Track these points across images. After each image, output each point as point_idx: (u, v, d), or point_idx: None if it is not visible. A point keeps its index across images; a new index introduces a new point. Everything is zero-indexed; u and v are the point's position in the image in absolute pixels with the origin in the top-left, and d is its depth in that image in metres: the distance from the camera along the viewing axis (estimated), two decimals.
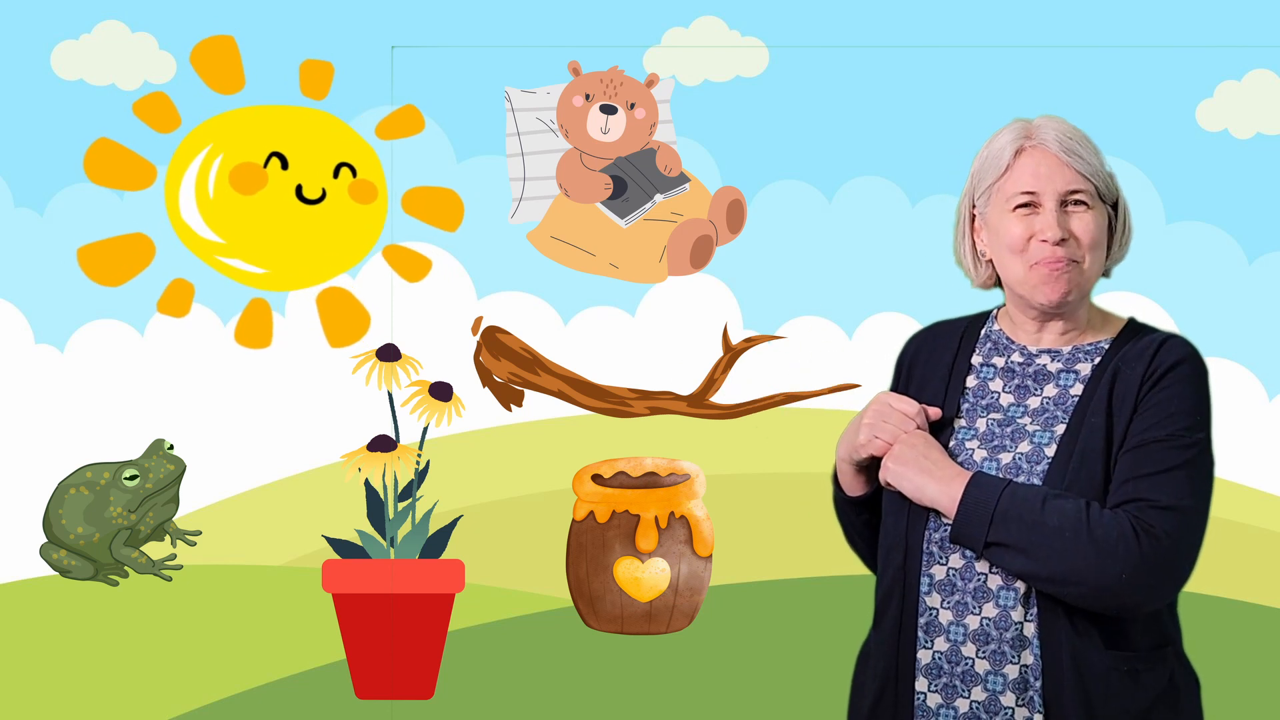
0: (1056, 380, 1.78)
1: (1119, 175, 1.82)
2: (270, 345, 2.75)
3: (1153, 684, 1.71)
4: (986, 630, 1.72)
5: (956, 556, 1.74)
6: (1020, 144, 1.79)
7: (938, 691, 1.74)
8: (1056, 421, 1.75)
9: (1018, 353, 1.82)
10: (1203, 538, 1.69)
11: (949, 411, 1.82)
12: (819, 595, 2.84)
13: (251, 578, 2.89)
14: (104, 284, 2.73)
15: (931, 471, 1.74)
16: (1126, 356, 1.75)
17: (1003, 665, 1.71)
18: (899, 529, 1.79)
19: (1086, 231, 1.75)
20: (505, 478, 2.90)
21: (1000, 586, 1.71)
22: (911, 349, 1.95)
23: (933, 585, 1.75)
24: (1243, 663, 2.70)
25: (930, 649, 1.75)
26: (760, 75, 2.87)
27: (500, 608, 2.90)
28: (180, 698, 2.84)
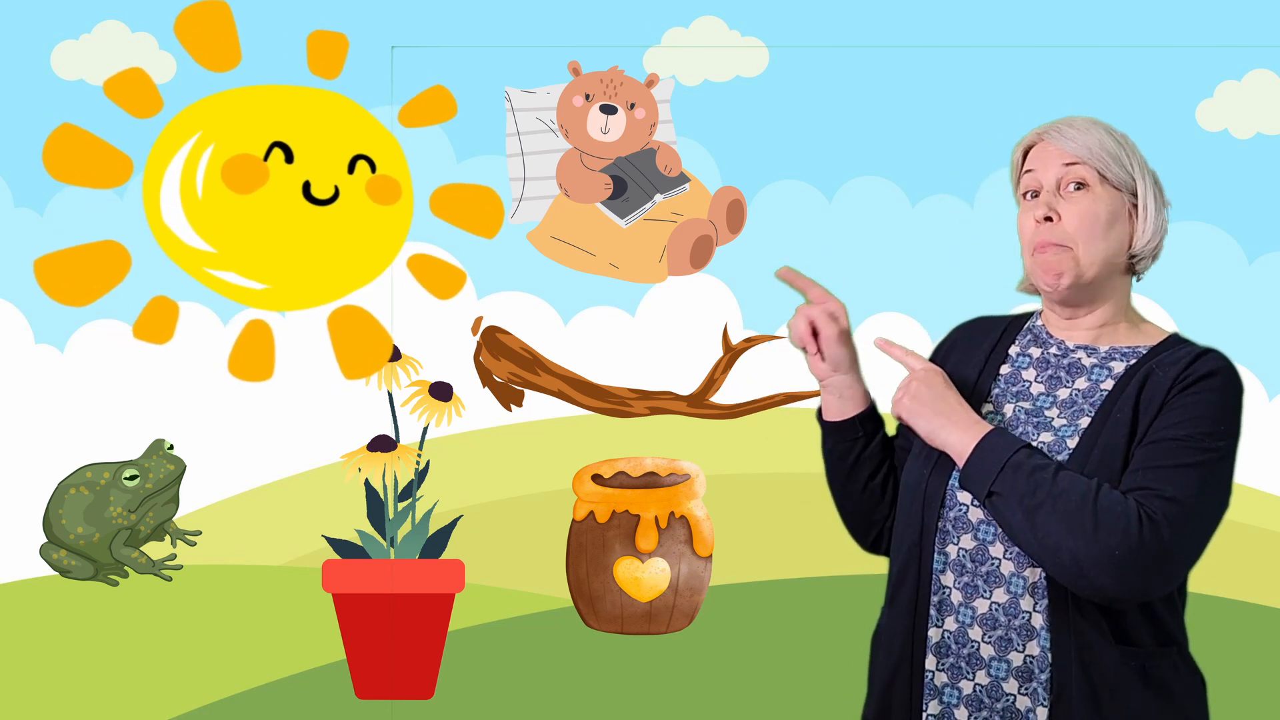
0: (1089, 375, 1.79)
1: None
2: (271, 377, 2.29)
3: (1159, 683, 1.71)
4: (995, 615, 1.72)
5: (968, 538, 1.74)
6: (1032, 141, 1.83)
7: (944, 671, 1.75)
8: (1082, 414, 1.75)
9: (1055, 346, 1.83)
10: (1204, 541, 1.68)
11: (980, 396, 1.83)
12: (819, 595, 2.84)
13: (251, 578, 2.89)
14: (66, 303, 2.23)
15: (949, 415, 1.75)
16: (1162, 361, 1.75)
17: (1007, 652, 1.71)
18: (914, 508, 1.80)
19: (1074, 212, 1.76)
20: (505, 478, 2.90)
21: (1012, 573, 1.71)
22: (950, 339, 1.97)
23: (946, 564, 1.77)
24: (1245, 663, 2.70)
25: (940, 627, 1.76)
26: (760, 75, 2.87)
27: (500, 608, 2.90)
28: (180, 698, 2.84)
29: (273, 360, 2.27)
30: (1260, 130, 2.82)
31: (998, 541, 1.73)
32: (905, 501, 1.84)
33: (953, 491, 1.77)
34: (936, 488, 1.78)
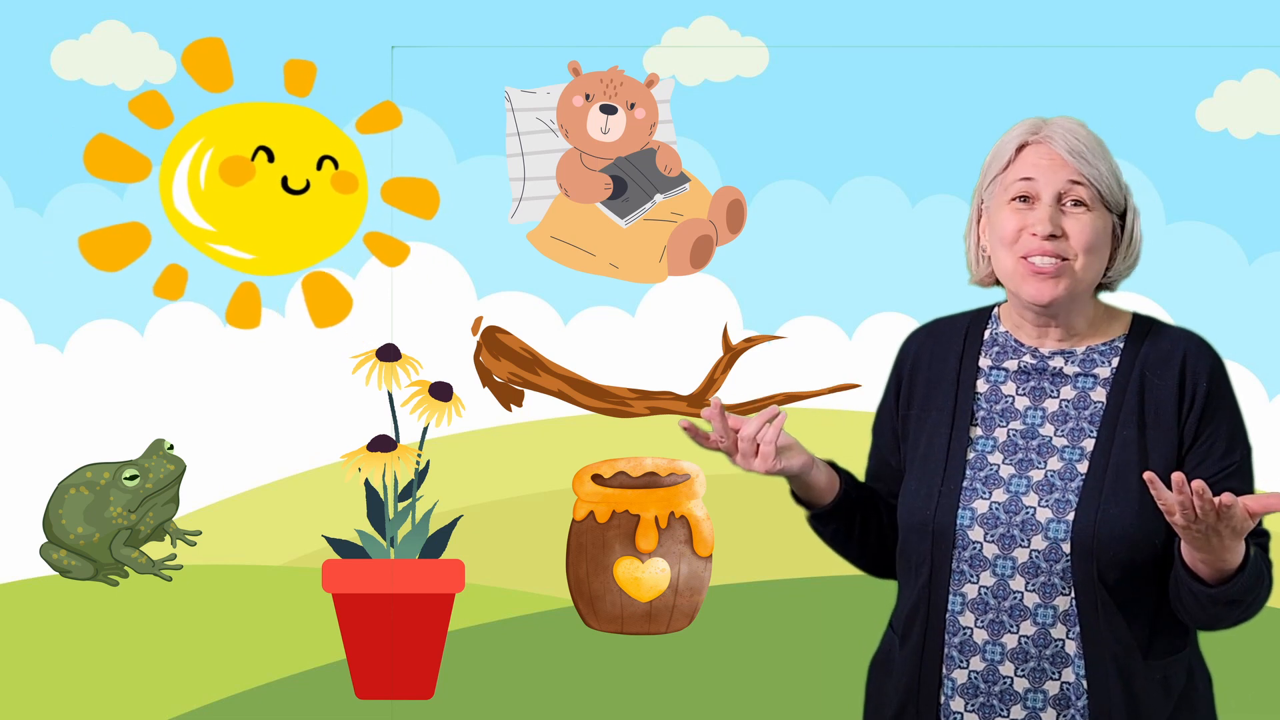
0: (1074, 383, 1.75)
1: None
2: (259, 325, 2.87)
3: (1175, 686, 1.71)
4: (1025, 649, 1.70)
5: (988, 574, 1.71)
6: (1026, 138, 1.75)
7: (975, 711, 1.72)
8: (1083, 435, 1.72)
9: (1029, 354, 1.78)
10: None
11: (963, 421, 1.79)
12: (819, 595, 2.83)
13: (251, 578, 2.89)
14: (104, 269, 2.85)
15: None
16: (1149, 362, 1.73)
17: (1043, 682, 1.69)
18: (922, 547, 1.76)
19: (1081, 232, 1.70)
20: (505, 478, 2.90)
21: (1038, 604, 1.69)
22: (911, 350, 1.90)
23: (965, 604, 1.73)
24: (1245, 662, 2.70)
25: (966, 668, 1.73)
26: (760, 75, 2.87)
27: (500, 608, 2.89)
28: (180, 698, 2.84)
29: (259, 312, 2.89)
30: (1260, 130, 2.82)
31: (1017, 575, 1.70)
32: (910, 542, 1.79)
33: (962, 530, 1.73)
34: (945, 527, 1.74)
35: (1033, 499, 1.71)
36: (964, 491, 1.74)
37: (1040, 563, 1.69)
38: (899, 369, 1.91)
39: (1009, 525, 1.71)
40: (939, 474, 1.77)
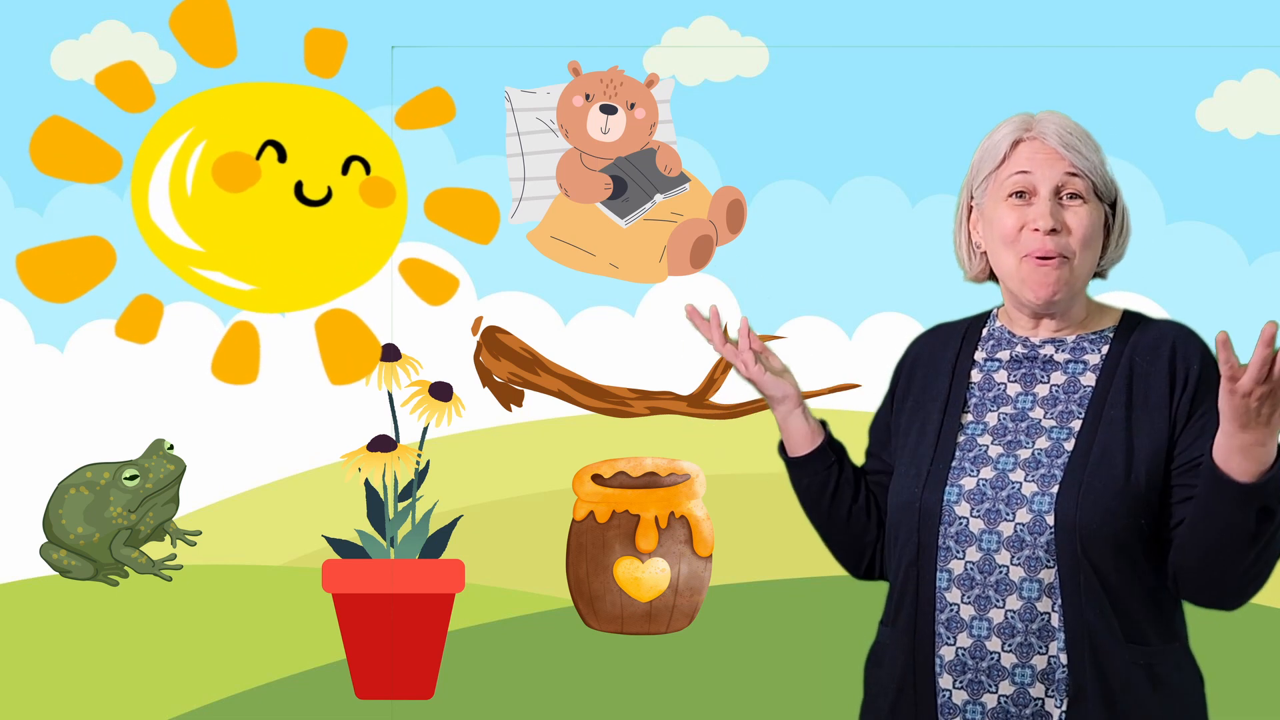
0: (1065, 369, 1.78)
1: (1119, 175, 1.81)
2: (255, 380, 2.24)
3: (1164, 680, 1.71)
4: (1012, 623, 1.71)
5: (973, 549, 1.73)
6: (1019, 135, 1.77)
7: (963, 688, 1.73)
8: (1071, 416, 1.74)
9: (1021, 344, 1.81)
10: None
11: (955, 409, 1.81)
12: (819, 595, 2.84)
13: (251, 578, 2.89)
14: (46, 299, 2.17)
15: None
16: (1139, 349, 1.75)
17: (1030, 657, 1.70)
18: (910, 524, 1.78)
19: (1080, 225, 1.73)
20: (505, 478, 2.90)
21: (1023, 578, 1.70)
22: (911, 354, 1.94)
23: (951, 580, 1.74)
24: (1242, 662, 2.70)
25: (953, 645, 1.74)
26: (760, 75, 2.87)
27: (500, 608, 2.90)
28: (180, 698, 2.84)
29: (257, 363, 2.18)
30: (1260, 130, 2.82)
31: (1003, 549, 1.71)
32: (897, 522, 1.81)
33: (949, 506, 1.74)
34: (932, 505, 1.75)
35: (1019, 475, 1.73)
36: (953, 470, 1.77)
37: (1025, 535, 1.70)
38: (898, 372, 1.94)
39: (995, 500, 1.72)
40: (929, 456, 1.79)
